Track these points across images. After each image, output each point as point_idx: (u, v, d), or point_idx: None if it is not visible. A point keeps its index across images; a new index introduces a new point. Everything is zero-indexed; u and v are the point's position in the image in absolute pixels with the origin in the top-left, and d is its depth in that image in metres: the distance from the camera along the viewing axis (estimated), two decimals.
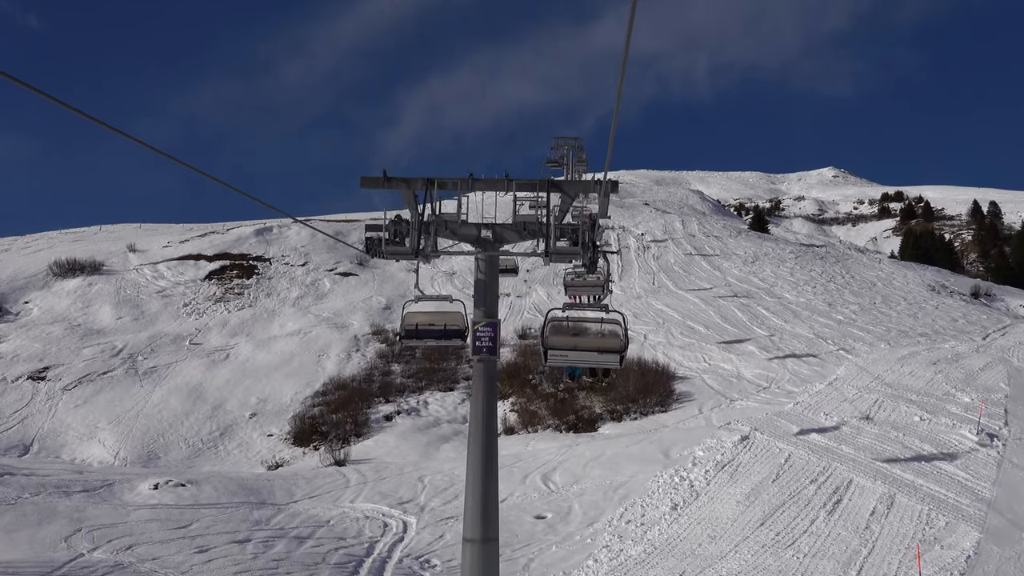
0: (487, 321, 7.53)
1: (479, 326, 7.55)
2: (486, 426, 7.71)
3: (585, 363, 8.38)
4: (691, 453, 20.27)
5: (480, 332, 7.59)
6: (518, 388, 30.58)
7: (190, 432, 29.65)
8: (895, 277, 52.81)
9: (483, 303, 7.72)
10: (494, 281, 7.69)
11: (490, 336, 7.55)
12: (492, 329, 7.58)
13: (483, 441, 7.65)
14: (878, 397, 23.42)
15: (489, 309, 7.75)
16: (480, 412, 7.73)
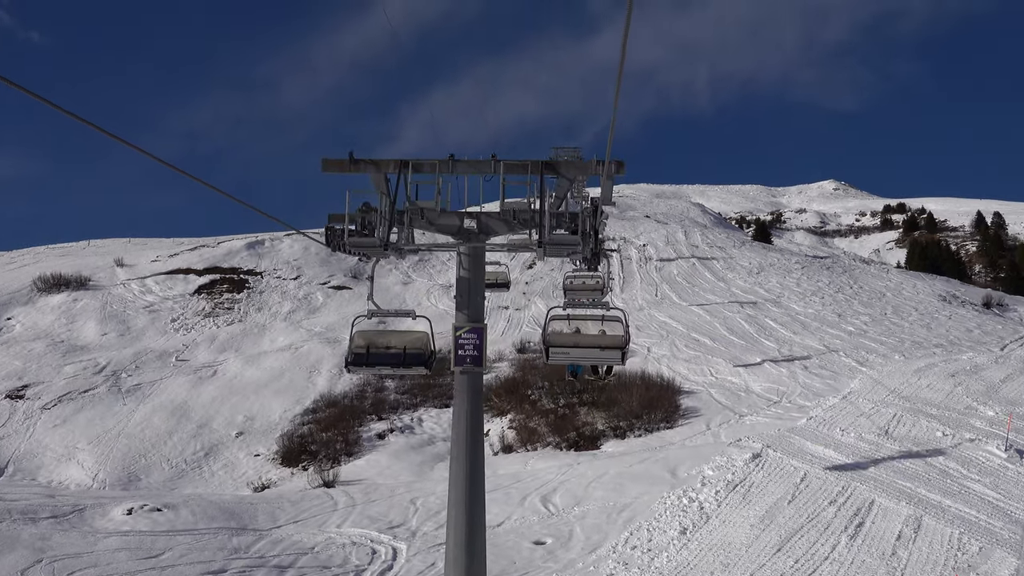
0: (471, 326, 6.58)
1: (462, 332, 6.60)
2: (471, 451, 6.75)
3: (587, 360, 8.33)
4: (700, 472, 19.25)
5: (463, 339, 6.64)
6: (517, 404, 29.55)
7: (173, 452, 28.62)
8: (904, 287, 51.81)
9: (467, 305, 6.76)
10: (479, 278, 6.74)
11: (475, 344, 6.60)
12: (477, 336, 6.63)
13: (467, 469, 6.70)
14: (896, 411, 22.41)
15: (473, 312, 6.79)
16: (464, 434, 6.76)
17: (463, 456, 6.73)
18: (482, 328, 6.67)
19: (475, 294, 6.75)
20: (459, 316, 6.73)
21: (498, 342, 39.22)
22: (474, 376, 6.79)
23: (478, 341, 6.67)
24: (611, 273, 29.37)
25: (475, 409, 6.79)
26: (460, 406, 6.77)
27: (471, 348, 6.68)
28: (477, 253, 6.84)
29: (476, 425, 6.81)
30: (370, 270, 9.85)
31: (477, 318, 6.73)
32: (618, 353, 8.16)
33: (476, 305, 6.80)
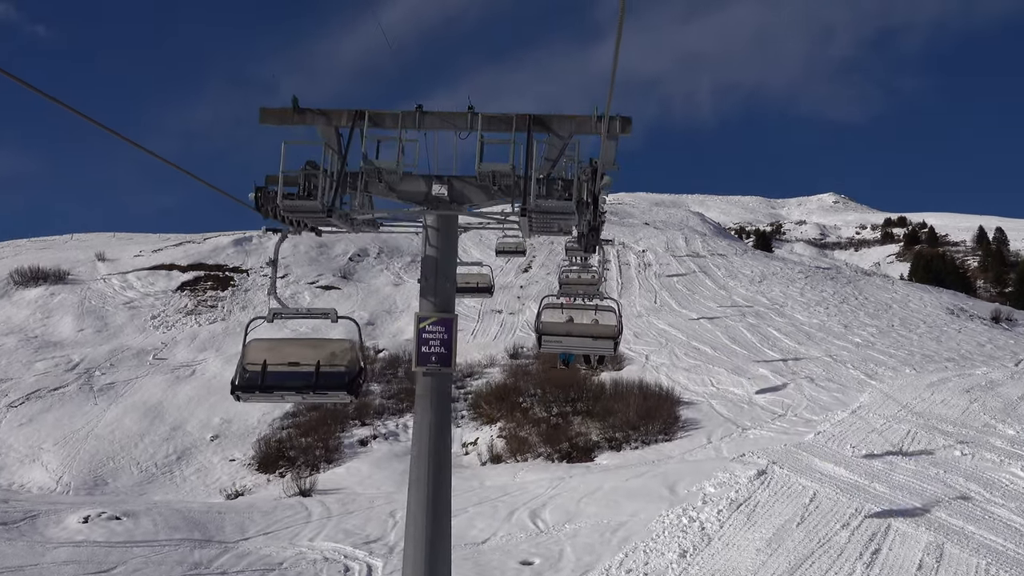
0: (439, 317, 5.46)
1: (427, 324, 5.50)
2: (434, 475, 5.61)
3: (579, 349, 8.34)
4: (701, 489, 18.11)
5: (428, 333, 5.54)
6: (507, 412, 28.41)
7: (143, 455, 27.42)
8: (911, 299, 50.81)
9: (433, 290, 5.65)
10: (450, 257, 5.64)
11: (442, 339, 5.50)
12: (445, 329, 5.53)
13: (429, 496, 5.55)
14: (910, 428, 21.32)
15: (442, 299, 5.68)
16: (426, 452, 5.65)
17: (425, 481, 5.61)
18: (451, 320, 5.59)
19: (444, 277, 5.68)
20: (424, 304, 5.65)
21: (490, 346, 38.16)
22: (441, 379, 5.71)
23: (446, 336, 5.60)
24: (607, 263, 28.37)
25: (441, 421, 5.70)
26: (423, 417, 5.68)
27: (438, 344, 5.60)
28: (448, 226, 5.76)
29: (442, 442, 5.71)
30: (273, 250, 8.35)
31: (446, 307, 5.65)
32: (610, 343, 8.10)
33: (445, 291, 5.72)
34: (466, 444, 27.60)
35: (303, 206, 5.58)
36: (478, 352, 37.08)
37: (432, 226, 5.71)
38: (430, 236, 5.71)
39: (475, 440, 27.60)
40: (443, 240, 5.73)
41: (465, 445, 27.58)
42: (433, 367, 5.65)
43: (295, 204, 5.58)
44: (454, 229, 5.81)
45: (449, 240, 5.76)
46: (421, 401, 5.78)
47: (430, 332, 5.52)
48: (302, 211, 5.63)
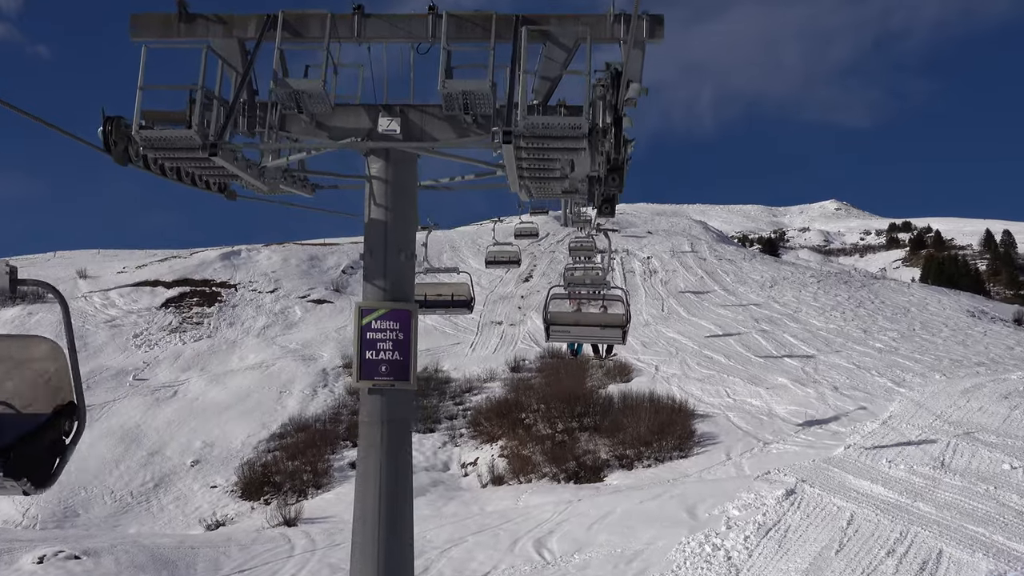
0: (391, 307, 3.95)
1: (373, 319, 3.99)
2: (386, 535, 4.05)
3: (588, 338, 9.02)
4: (723, 512, 16.52)
5: (375, 331, 4.02)
6: (509, 429, 26.85)
7: (118, 484, 25.89)
8: (929, 302, 49.35)
9: (382, 270, 4.14)
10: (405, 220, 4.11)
11: (395, 340, 3.99)
12: (401, 326, 4.02)
13: (379, 567, 3.97)
14: (949, 439, 19.73)
15: (395, 282, 4.18)
16: (374, 503, 4.08)
17: (373, 555, 4.07)
18: (410, 313, 4.12)
19: (398, 250, 4.21)
20: (369, 291, 4.19)
21: (490, 360, 36.67)
22: (396, 399, 4.22)
23: (403, 335, 4.14)
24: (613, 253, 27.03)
25: (398, 464, 4.21)
26: (369, 456, 4.19)
27: (389, 347, 4.16)
28: (402, 176, 4.30)
29: (398, 494, 4.21)
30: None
31: (401, 293, 4.18)
32: (619, 332, 8.40)
33: (399, 271, 4.26)
34: (465, 464, 26.07)
35: (170, 139, 4.07)
36: (477, 366, 35.59)
37: (379, 177, 4.25)
38: (376, 192, 4.25)
39: (475, 460, 26.07)
40: (396, 197, 4.25)
41: (464, 466, 26.06)
42: (383, 381, 4.19)
43: (157, 136, 4.07)
44: (411, 180, 4.36)
45: (404, 196, 4.31)
46: (366, 433, 4.30)
47: (378, 330, 4.08)
48: (169, 146, 4.11)
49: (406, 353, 4.27)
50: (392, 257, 4.25)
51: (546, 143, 3.96)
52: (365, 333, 4.18)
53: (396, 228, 4.27)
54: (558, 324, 8.08)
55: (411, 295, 4.29)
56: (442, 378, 34.32)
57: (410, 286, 4.32)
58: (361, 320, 4.24)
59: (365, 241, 4.39)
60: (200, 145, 3.99)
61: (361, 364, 4.30)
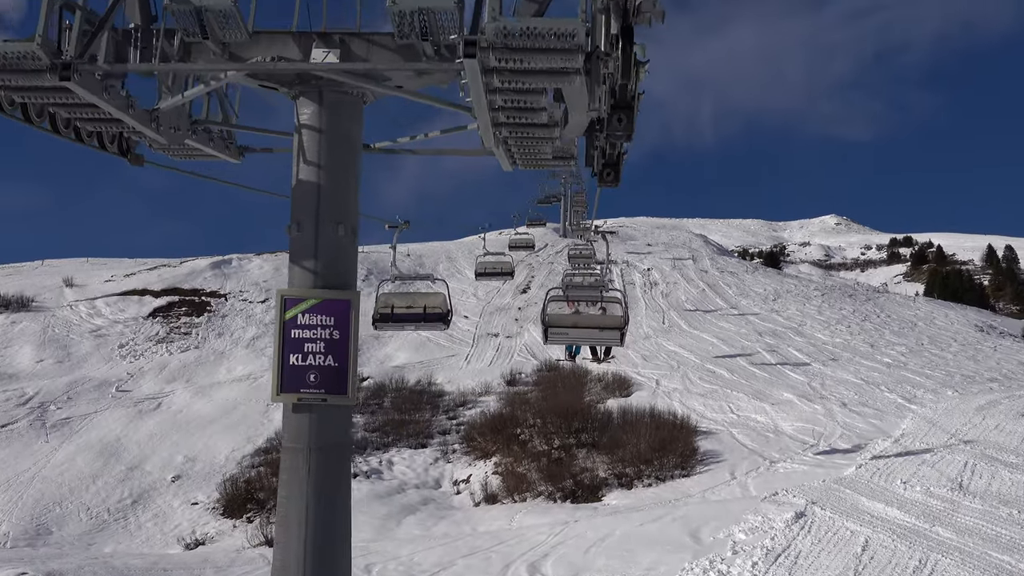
0: (322, 297, 3.14)
1: (300, 312, 3.17)
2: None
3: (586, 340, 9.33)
4: (729, 536, 15.68)
5: (301, 328, 3.20)
6: (503, 445, 25.98)
7: (95, 500, 24.96)
8: (936, 317, 48.66)
9: (312, 249, 3.31)
10: (344, 181, 3.27)
11: (328, 339, 3.18)
12: (334, 320, 3.20)
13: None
14: (966, 459, 18.92)
15: (330, 264, 3.34)
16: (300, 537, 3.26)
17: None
18: (349, 304, 3.31)
19: (332, 221, 3.39)
20: (295, 274, 3.37)
21: (485, 372, 35.83)
22: (329, 419, 3.38)
23: (340, 335, 3.31)
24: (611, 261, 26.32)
25: (333, 504, 3.38)
26: (293, 496, 3.36)
27: (321, 350, 3.34)
28: (340, 125, 3.47)
29: (334, 537, 3.38)
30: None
31: (338, 279, 3.35)
32: (617, 334, 8.47)
33: (336, 247, 3.41)
34: (457, 482, 25.20)
35: (8, 56, 3.22)
36: (472, 379, 34.74)
37: (310, 126, 3.44)
38: (307, 145, 3.43)
39: (468, 477, 25.20)
40: (333, 151, 3.43)
41: (456, 483, 25.18)
42: (312, 394, 3.35)
43: None
44: (353, 132, 3.54)
45: (344, 151, 3.47)
46: (289, 464, 3.47)
47: (307, 327, 3.28)
48: (6, 68, 3.26)
49: (343, 357, 3.43)
50: (326, 231, 3.42)
51: (527, 60, 3.10)
52: (289, 331, 3.36)
53: (332, 193, 3.45)
54: (556, 326, 8.10)
55: (352, 281, 3.49)
56: (435, 391, 33.47)
57: (350, 270, 3.52)
58: (284, 314, 3.41)
59: (292, 210, 3.58)
60: (48, 66, 3.14)
61: (282, 372, 3.47)
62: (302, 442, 3.64)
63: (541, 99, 3.38)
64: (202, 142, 4.34)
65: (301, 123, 3.50)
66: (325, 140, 3.48)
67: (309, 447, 3.64)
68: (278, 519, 3.73)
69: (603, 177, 4.18)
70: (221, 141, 4.53)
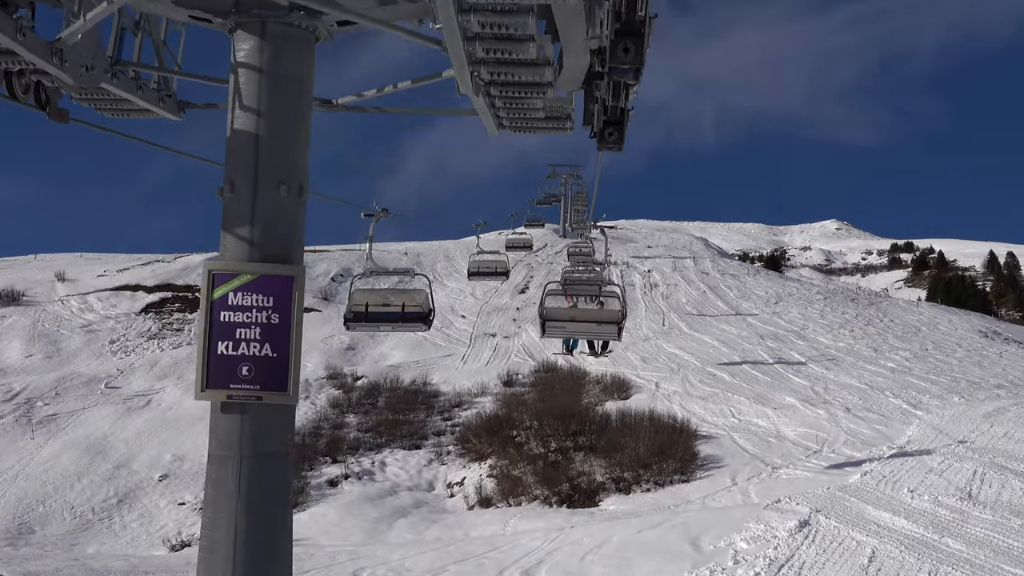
0: (259, 273, 2.66)
1: (231, 289, 2.71)
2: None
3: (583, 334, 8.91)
4: (730, 544, 15.21)
5: (233, 311, 2.72)
6: (499, 447, 25.50)
7: (80, 499, 24.49)
8: (939, 322, 48.19)
9: (249, 213, 2.83)
10: (293, 125, 2.78)
11: (265, 323, 2.73)
12: (273, 301, 2.75)
13: None
14: (975, 468, 18.44)
15: (268, 231, 2.86)
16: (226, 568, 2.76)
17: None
18: (292, 281, 2.82)
19: (274, 179, 2.89)
20: (228, 244, 2.90)
21: (482, 373, 35.34)
22: (265, 422, 2.91)
23: (281, 319, 2.83)
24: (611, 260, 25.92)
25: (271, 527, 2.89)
26: (220, 514, 2.87)
27: (257, 336, 2.84)
28: (285, 63, 2.96)
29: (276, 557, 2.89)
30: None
31: (279, 250, 2.84)
32: (614, 328, 8.76)
33: (278, 212, 2.91)
34: (451, 485, 24.73)
35: None
36: (468, 379, 34.26)
37: (249, 64, 2.93)
38: (244, 87, 2.93)
39: (462, 480, 24.73)
40: (275, 95, 2.92)
41: (450, 486, 24.72)
42: (245, 391, 2.86)
43: None
44: (302, 73, 3.00)
45: (290, 95, 2.95)
46: (216, 476, 2.97)
47: (239, 308, 2.77)
48: None
49: (283, 346, 2.92)
50: (266, 192, 2.91)
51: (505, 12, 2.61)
52: (217, 313, 2.86)
53: (274, 145, 2.93)
54: (553, 320, 8.10)
55: (296, 254, 2.98)
56: (431, 391, 33.00)
57: (294, 240, 3.01)
58: (212, 291, 2.89)
59: (226, 168, 3.07)
60: None
61: (208, 363, 2.97)
62: (232, 449, 3.15)
63: (527, 22, 2.86)
64: (126, 89, 3.82)
65: (238, 61, 2.97)
66: (267, 81, 2.95)
67: (240, 456, 3.15)
68: (201, 543, 3.22)
69: (604, 138, 3.68)
70: (154, 92, 4.03)
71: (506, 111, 3.69)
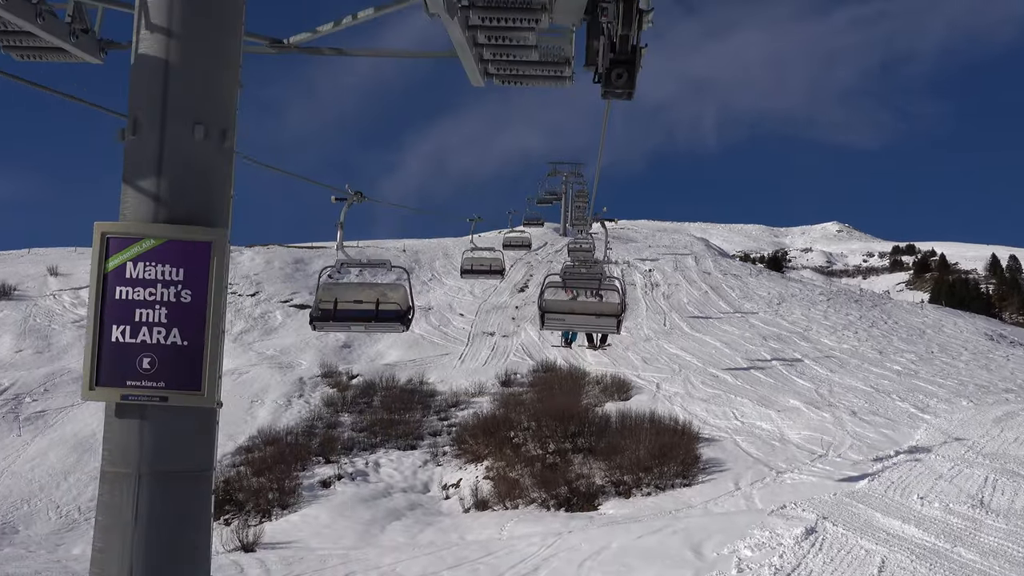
0: (166, 237, 2.14)
1: (131, 257, 2.18)
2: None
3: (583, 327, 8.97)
4: (734, 552, 14.75)
5: (131, 286, 2.21)
6: (496, 448, 25.02)
7: (66, 497, 24.01)
8: (944, 324, 47.73)
9: (155, 158, 2.29)
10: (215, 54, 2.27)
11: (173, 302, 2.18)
12: (184, 273, 2.21)
13: None
14: (986, 474, 17.97)
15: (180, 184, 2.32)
16: None
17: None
18: (209, 245, 2.33)
19: (189, 119, 2.36)
20: (129, 200, 2.35)
21: (479, 372, 34.86)
22: (173, 430, 2.40)
23: (193, 296, 2.31)
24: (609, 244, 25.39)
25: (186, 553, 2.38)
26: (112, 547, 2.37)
27: (163, 319, 2.32)
28: None
29: None
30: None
31: (197, 211, 2.30)
32: (614, 321, 8.79)
33: (194, 159, 2.39)
34: (447, 486, 24.26)
35: None
36: (465, 379, 33.79)
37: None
38: (152, 5, 2.41)
39: (457, 482, 24.25)
40: (190, 13, 2.39)
41: (446, 487, 24.24)
42: (145, 389, 2.36)
43: None
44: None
45: (213, 9, 2.43)
46: (108, 499, 2.46)
47: (140, 283, 2.26)
48: None
49: (197, 332, 2.37)
50: (177, 133, 2.36)
51: None
52: (112, 289, 2.33)
53: (190, 74, 2.38)
54: (553, 312, 8.16)
55: (218, 214, 2.43)
56: (427, 391, 32.52)
57: (216, 196, 2.44)
58: (105, 261, 2.35)
59: (129, 102, 2.56)
60: None
61: (99, 353, 2.45)
62: (129, 465, 2.61)
63: None
64: (24, 16, 3.28)
65: None
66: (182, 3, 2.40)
67: (139, 474, 2.63)
68: None
69: (611, 81, 3.16)
70: (65, 26, 3.53)
71: (491, 51, 3.19)
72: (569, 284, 7.85)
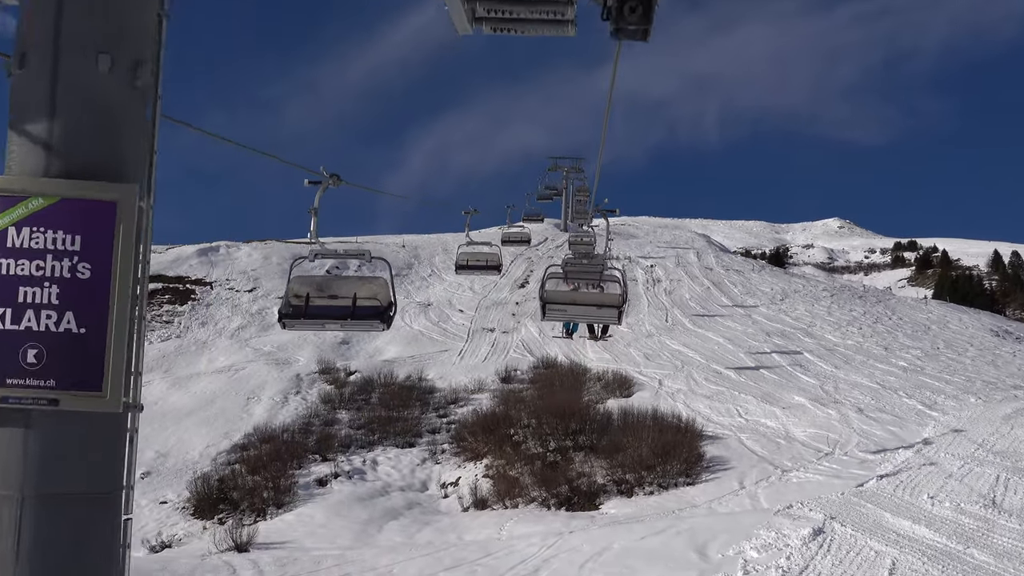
0: (60, 195, 1.75)
1: (16, 219, 1.78)
2: None
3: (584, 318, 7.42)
4: (739, 553, 14.39)
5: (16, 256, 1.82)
6: (495, 446, 24.69)
7: None
8: (949, 320, 47.40)
9: (48, 98, 1.90)
10: None
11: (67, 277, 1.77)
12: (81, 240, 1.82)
13: None
14: (997, 472, 17.62)
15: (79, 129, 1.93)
16: None
17: None
18: (113, 205, 1.94)
19: (90, 47, 1.97)
20: (15, 149, 1.96)
21: (479, 369, 34.53)
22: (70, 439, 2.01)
23: (94, 269, 1.90)
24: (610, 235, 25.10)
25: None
26: None
27: (53, 299, 1.92)
28: None
29: None
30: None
31: (99, 163, 1.90)
32: (615, 312, 9.14)
33: (96, 96, 1.98)
34: (445, 485, 23.92)
35: None
36: (465, 375, 33.44)
37: None
38: None
39: (456, 480, 23.91)
40: None
41: (444, 486, 23.90)
42: (31, 391, 1.96)
43: None
44: None
45: None
46: None
47: (24, 252, 1.86)
48: None
49: (98, 314, 1.98)
50: (74, 64, 1.95)
51: None
52: None
53: None
54: (554, 303, 8.17)
55: (127, 166, 2.03)
56: (426, 387, 32.17)
57: (125, 144, 2.05)
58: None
59: (17, 31, 2.16)
60: None
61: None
62: (9, 485, 2.18)
63: None
64: None
65: None
66: None
67: (22, 495, 2.19)
68: None
69: (624, 16, 2.74)
70: None
71: None
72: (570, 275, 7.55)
